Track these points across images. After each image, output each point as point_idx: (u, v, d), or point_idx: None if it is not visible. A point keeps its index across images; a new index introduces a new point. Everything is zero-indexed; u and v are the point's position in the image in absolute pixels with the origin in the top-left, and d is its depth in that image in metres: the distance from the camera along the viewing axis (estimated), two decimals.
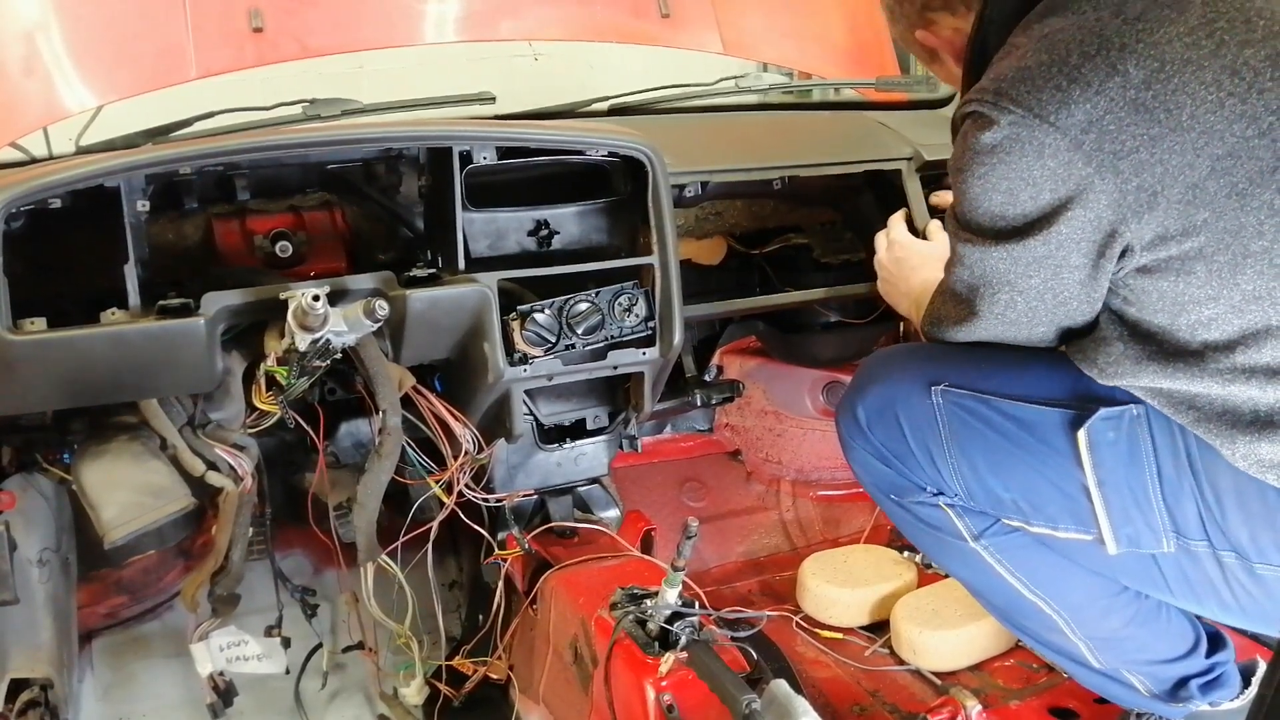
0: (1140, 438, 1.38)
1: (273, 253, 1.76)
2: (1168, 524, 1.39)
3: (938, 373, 1.51)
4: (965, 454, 1.49)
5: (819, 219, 2.29)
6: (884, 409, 1.55)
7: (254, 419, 1.75)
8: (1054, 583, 1.55)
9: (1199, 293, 1.29)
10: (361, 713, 2.12)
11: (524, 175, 1.85)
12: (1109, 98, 1.25)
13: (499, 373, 1.73)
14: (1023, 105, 1.28)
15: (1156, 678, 1.60)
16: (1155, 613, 1.57)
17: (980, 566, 1.57)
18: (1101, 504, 1.40)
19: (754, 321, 2.43)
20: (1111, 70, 1.25)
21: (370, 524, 1.73)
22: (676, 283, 1.80)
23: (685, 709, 1.47)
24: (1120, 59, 1.26)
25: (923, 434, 1.52)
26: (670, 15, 2.34)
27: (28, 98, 1.98)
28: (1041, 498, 1.46)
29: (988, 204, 1.35)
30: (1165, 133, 1.25)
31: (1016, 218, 1.33)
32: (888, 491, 1.61)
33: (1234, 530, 1.35)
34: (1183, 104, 1.24)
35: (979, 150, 1.32)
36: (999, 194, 1.33)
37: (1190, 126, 1.24)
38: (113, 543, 1.67)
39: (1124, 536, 1.41)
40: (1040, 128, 1.27)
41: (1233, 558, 1.37)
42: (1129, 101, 1.25)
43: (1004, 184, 1.32)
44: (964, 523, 1.55)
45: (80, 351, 1.51)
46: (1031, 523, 1.49)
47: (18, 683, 1.77)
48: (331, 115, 2.00)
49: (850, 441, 1.62)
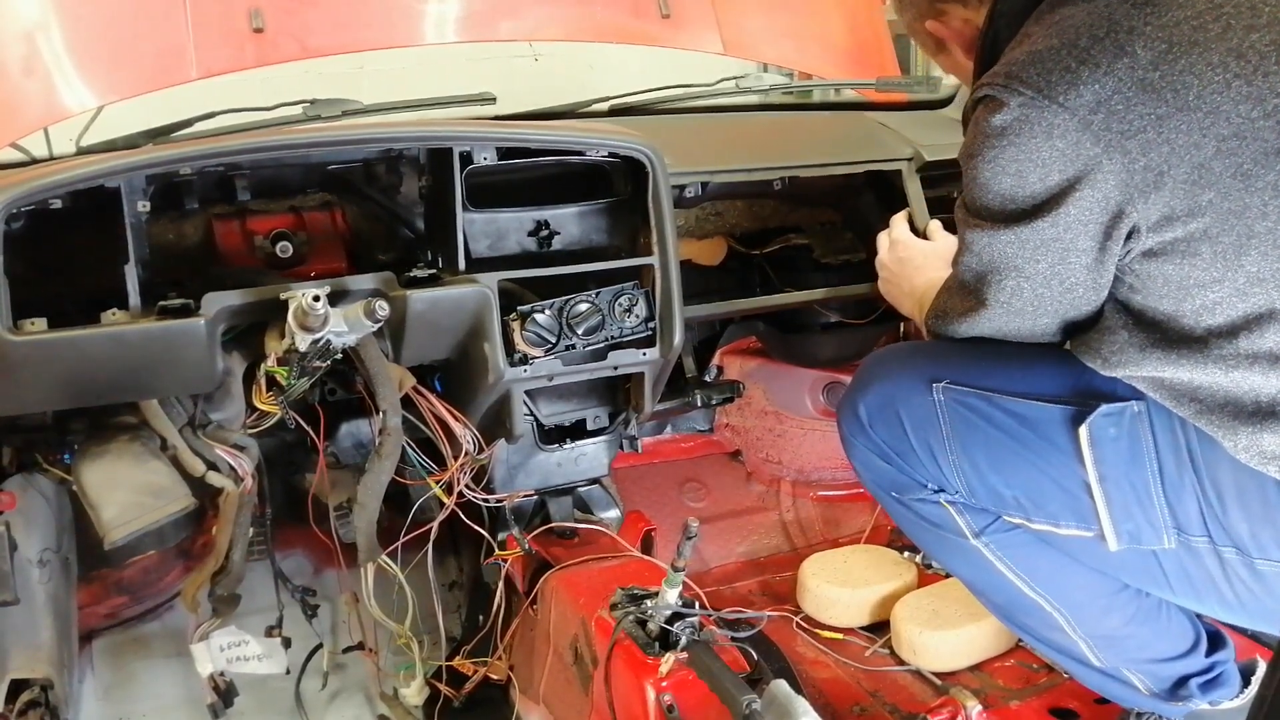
0: (1141, 434, 1.38)
1: (273, 253, 1.76)
2: (1169, 520, 1.39)
3: (939, 370, 1.51)
4: (966, 451, 1.50)
5: (819, 219, 2.30)
6: (885, 406, 1.56)
7: (254, 419, 1.75)
8: (1055, 580, 1.56)
9: (1204, 275, 1.30)
10: (361, 713, 2.12)
11: (525, 176, 1.85)
12: (1117, 78, 1.27)
13: (499, 373, 1.73)
14: (1033, 86, 1.30)
15: (1156, 676, 1.60)
16: (1156, 611, 1.57)
17: (981, 564, 1.58)
18: (1103, 500, 1.41)
19: (754, 322, 2.44)
20: (1119, 51, 1.28)
21: (370, 524, 1.74)
22: (677, 283, 1.80)
23: (685, 709, 1.47)
24: (1128, 41, 1.28)
25: (924, 431, 1.52)
26: (670, 15, 2.34)
27: (28, 98, 1.98)
28: (1043, 494, 1.47)
29: (997, 187, 1.36)
30: (1172, 112, 1.26)
31: (1025, 199, 1.35)
32: (889, 489, 1.62)
33: (1234, 525, 1.36)
34: (1189, 84, 1.26)
35: (989, 133, 1.34)
36: (1008, 176, 1.34)
37: (1197, 106, 1.26)
38: (113, 543, 1.67)
39: (1125, 533, 1.41)
40: (1050, 108, 1.29)
41: (1233, 553, 1.38)
42: (1136, 81, 1.27)
43: (1013, 165, 1.33)
44: (965, 520, 1.55)
45: (80, 352, 1.51)
46: (1032, 519, 1.49)
47: (18, 683, 1.77)
48: (332, 115, 1.99)
49: (851, 439, 1.62)
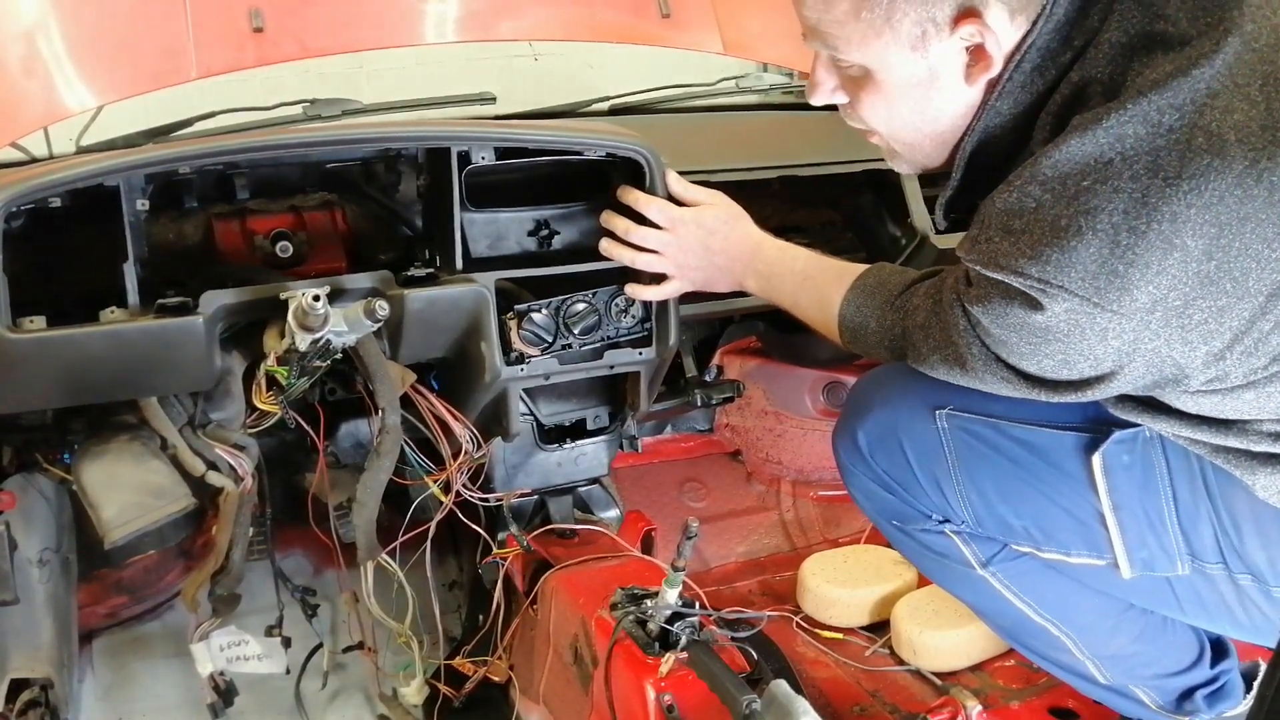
0: (1155, 460, 1.35)
1: (273, 253, 1.75)
2: (1183, 547, 1.37)
3: (941, 395, 1.45)
4: (974, 481, 1.45)
5: (819, 219, 2.29)
6: (886, 435, 1.51)
7: (254, 419, 1.75)
8: (1062, 605, 1.53)
9: (1244, 407, 1.25)
10: (361, 713, 2.11)
11: (525, 176, 1.85)
12: (1171, 275, 1.13)
13: (496, 372, 1.73)
14: (1079, 294, 1.16)
15: (1163, 690, 1.59)
16: (1161, 628, 1.55)
17: (988, 592, 1.55)
18: (1116, 529, 1.38)
19: (754, 321, 2.43)
20: (1169, 247, 1.12)
21: (370, 523, 1.73)
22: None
23: (685, 709, 1.46)
24: (1175, 232, 1.12)
25: (928, 461, 1.48)
26: (670, 15, 2.33)
27: (28, 98, 1.98)
28: (1054, 524, 1.43)
29: (1036, 366, 1.27)
30: (1232, 303, 1.16)
31: (1070, 375, 1.26)
32: (890, 518, 1.58)
33: (1251, 554, 1.33)
34: (1248, 269, 1.14)
35: (1026, 326, 1.22)
36: (1051, 360, 1.24)
37: (1258, 292, 1.15)
38: (113, 543, 1.66)
39: (1139, 561, 1.39)
40: (1102, 315, 1.16)
41: (1249, 580, 1.35)
42: (1193, 275, 1.14)
43: (1059, 356, 1.23)
44: (971, 550, 1.52)
45: (80, 350, 1.51)
46: (1043, 549, 1.46)
47: (18, 683, 1.77)
48: (332, 115, 2.00)
49: (850, 468, 1.58)
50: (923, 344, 1.41)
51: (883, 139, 1.39)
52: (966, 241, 1.26)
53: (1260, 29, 1.17)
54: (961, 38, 1.22)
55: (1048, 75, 1.23)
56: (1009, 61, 1.23)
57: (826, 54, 1.33)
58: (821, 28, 1.28)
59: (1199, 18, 1.17)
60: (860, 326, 1.53)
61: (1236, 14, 1.16)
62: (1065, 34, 1.22)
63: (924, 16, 1.21)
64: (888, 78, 1.28)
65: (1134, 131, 1.13)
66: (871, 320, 1.51)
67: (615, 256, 1.69)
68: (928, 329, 1.39)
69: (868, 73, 1.30)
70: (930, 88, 1.28)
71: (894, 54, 1.25)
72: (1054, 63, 1.22)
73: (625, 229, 1.66)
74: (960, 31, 1.21)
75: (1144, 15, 1.19)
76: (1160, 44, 1.17)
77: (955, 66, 1.25)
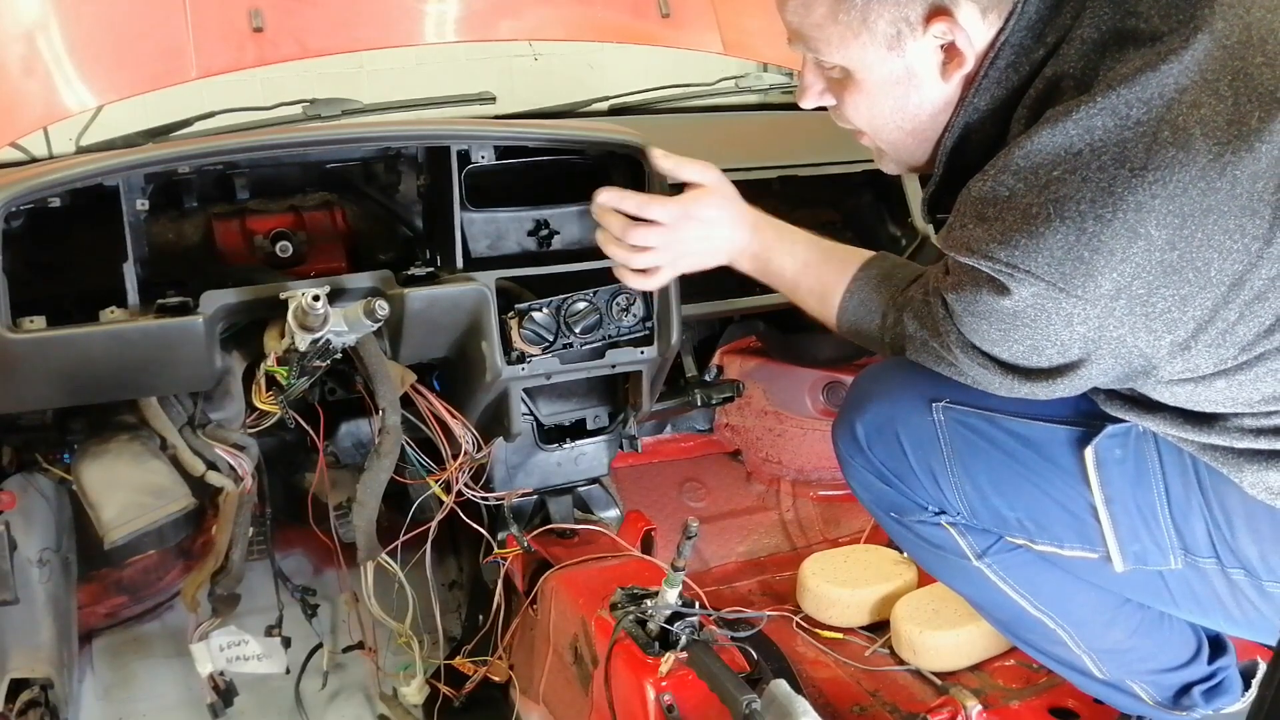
0: (1147, 455, 1.36)
1: (273, 252, 1.76)
2: (1175, 541, 1.37)
3: (939, 388, 1.46)
4: (969, 473, 1.47)
5: (819, 219, 2.29)
6: (883, 427, 1.52)
7: (254, 419, 1.75)
8: (1058, 598, 1.54)
9: (1218, 397, 1.27)
10: (361, 713, 2.11)
11: (525, 175, 1.85)
12: (1134, 263, 1.16)
13: (496, 371, 1.73)
14: (1045, 279, 1.19)
15: (1160, 686, 1.59)
16: (1158, 623, 1.56)
17: (983, 584, 1.56)
18: (1109, 522, 1.39)
19: (754, 321, 2.43)
20: (1133, 235, 1.15)
21: (370, 523, 1.73)
22: (675, 282, 1.80)
23: (685, 709, 1.46)
24: (1139, 221, 1.15)
25: (924, 452, 1.49)
26: (670, 15, 2.33)
27: (28, 98, 1.98)
28: (1047, 516, 1.44)
29: (1007, 354, 1.30)
30: (1195, 292, 1.18)
31: (1038, 363, 1.29)
32: (888, 509, 1.58)
33: (1243, 549, 1.34)
34: (1210, 259, 1.16)
35: (997, 312, 1.25)
36: (1020, 345, 1.28)
37: (1219, 282, 1.18)
38: (113, 543, 1.67)
39: (1131, 554, 1.40)
40: (1067, 300, 1.20)
41: (1242, 575, 1.36)
42: (1156, 264, 1.16)
43: (1027, 342, 1.26)
44: (967, 541, 1.53)
45: (79, 349, 1.52)
46: (1036, 541, 1.47)
47: (18, 683, 1.77)
48: (331, 115, 2.00)
49: (849, 459, 1.58)
50: (915, 335, 1.44)
51: (869, 139, 1.44)
52: (944, 230, 1.30)
53: (1231, 27, 1.19)
54: (934, 35, 1.26)
55: (1022, 71, 1.26)
56: (983, 58, 1.27)
57: (812, 57, 1.38)
58: (803, 31, 1.34)
59: (1170, 15, 1.20)
60: (861, 321, 1.55)
61: (1208, 12, 1.19)
62: (1038, 31, 1.25)
63: (898, 16, 1.26)
64: (867, 77, 1.33)
65: (1103, 124, 1.16)
66: (875, 316, 1.53)
67: (610, 255, 1.69)
68: (920, 319, 1.43)
69: (849, 74, 1.34)
70: (909, 86, 1.32)
71: (872, 54, 1.30)
72: (1028, 59, 1.26)
73: (622, 228, 1.66)
74: (933, 30, 1.26)
75: (1116, 12, 1.22)
76: (1132, 40, 1.20)
77: (931, 64, 1.30)
